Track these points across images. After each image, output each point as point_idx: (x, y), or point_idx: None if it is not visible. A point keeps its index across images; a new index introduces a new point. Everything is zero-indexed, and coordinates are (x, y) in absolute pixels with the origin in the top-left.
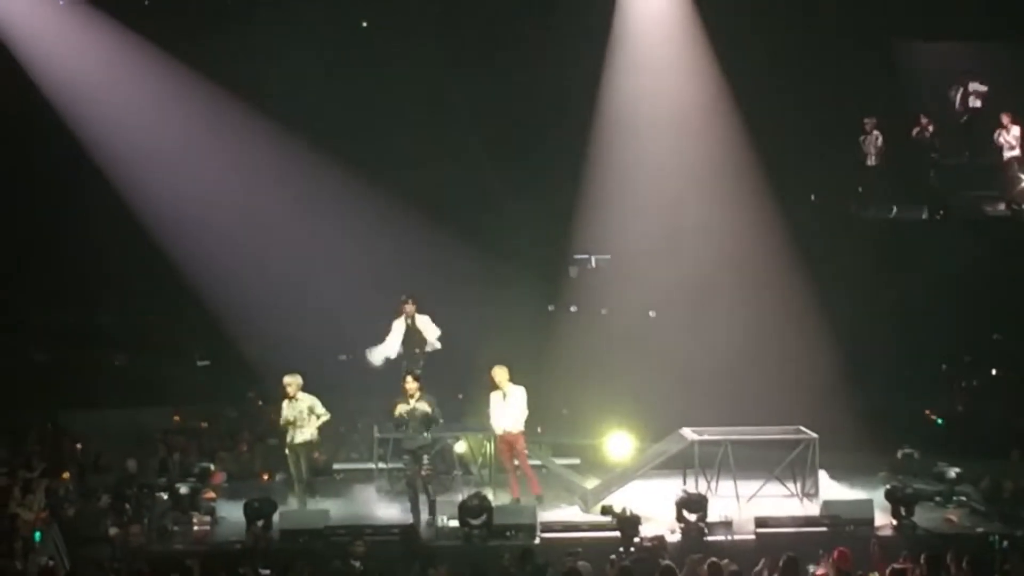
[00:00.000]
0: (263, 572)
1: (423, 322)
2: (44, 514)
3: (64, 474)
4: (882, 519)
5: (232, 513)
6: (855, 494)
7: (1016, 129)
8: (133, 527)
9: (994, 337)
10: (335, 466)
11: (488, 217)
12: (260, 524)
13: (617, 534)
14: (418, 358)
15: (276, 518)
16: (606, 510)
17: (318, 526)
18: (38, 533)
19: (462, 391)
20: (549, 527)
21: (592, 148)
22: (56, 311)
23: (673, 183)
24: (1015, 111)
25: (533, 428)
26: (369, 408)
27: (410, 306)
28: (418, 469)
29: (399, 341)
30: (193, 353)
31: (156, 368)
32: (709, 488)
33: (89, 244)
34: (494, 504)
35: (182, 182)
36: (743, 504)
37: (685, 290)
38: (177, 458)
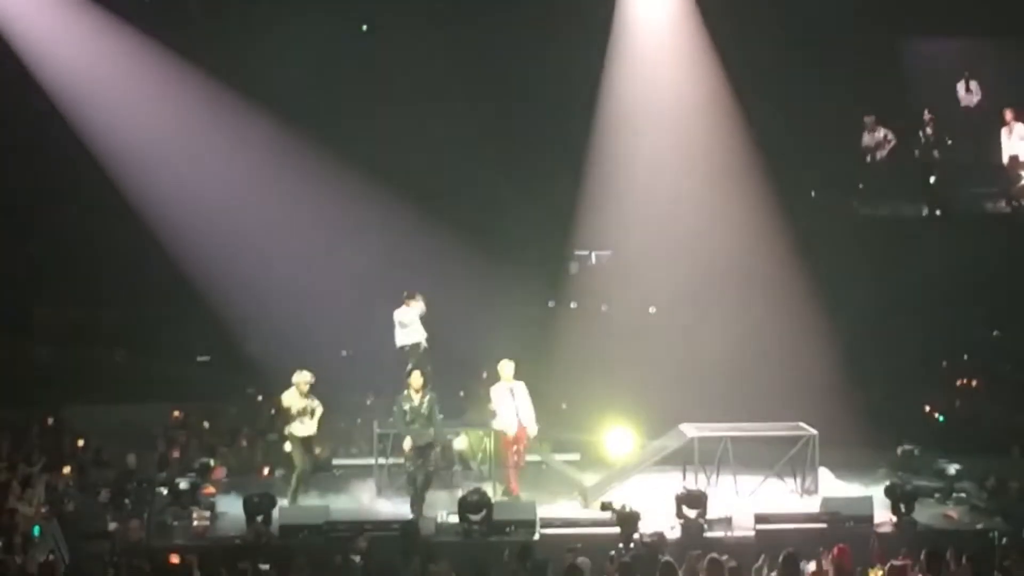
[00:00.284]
0: (263, 567)
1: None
2: (44, 509)
3: (64, 469)
4: (882, 515)
5: (232, 508)
6: (855, 490)
7: (1021, 127)
8: (132, 522)
9: (994, 334)
10: (335, 461)
11: (489, 213)
12: (260, 519)
13: (617, 530)
14: (425, 354)
15: (276, 513)
16: (606, 506)
17: (318, 522)
18: (37, 528)
19: (462, 387)
20: (549, 523)
21: (593, 144)
22: (57, 307)
23: (674, 179)
24: (1017, 107)
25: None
26: (370, 404)
27: (417, 301)
28: (421, 464)
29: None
30: (193, 349)
31: (156, 364)
32: (709, 484)
33: (90, 240)
34: (494, 500)
35: (184, 179)
36: (743, 500)
37: (685, 286)
38: (177, 453)
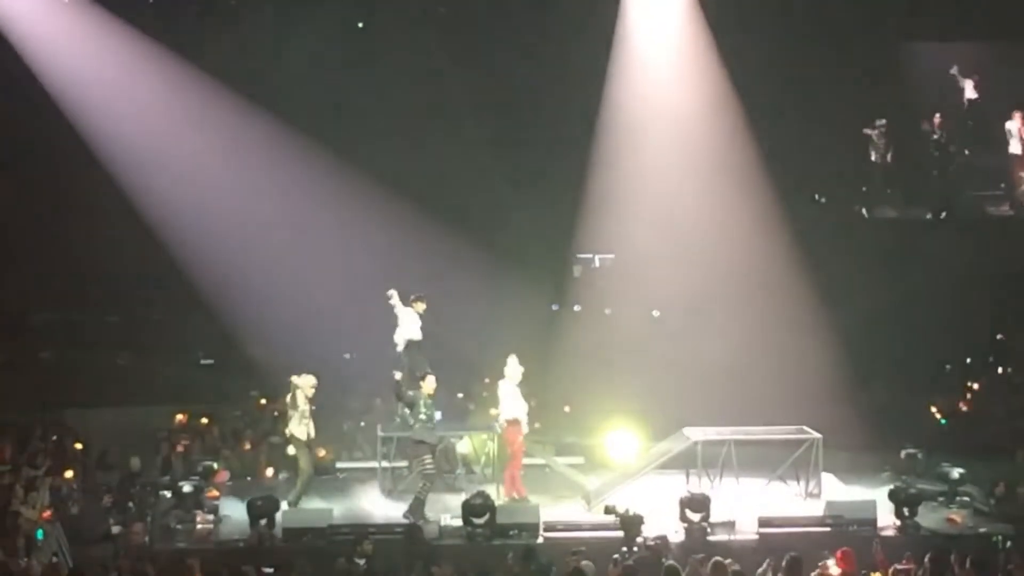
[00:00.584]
0: (266, 571)
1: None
2: (47, 512)
3: (68, 472)
4: (885, 519)
5: (235, 512)
6: (858, 494)
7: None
8: (136, 525)
9: (998, 337)
10: (338, 465)
11: (492, 216)
12: (263, 523)
13: (620, 534)
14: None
15: (279, 517)
16: (609, 510)
17: (321, 525)
18: (41, 531)
19: (463, 389)
20: (552, 526)
21: (596, 147)
22: (61, 311)
23: (677, 183)
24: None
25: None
26: (373, 407)
27: (421, 304)
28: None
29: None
30: (197, 352)
31: (160, 367)
32: (712, 488)
33: (93, 244)
34: (497, 503)
35: (187, 181)
36: (746, 504)
37: (689, 290)
38: (180, 456)
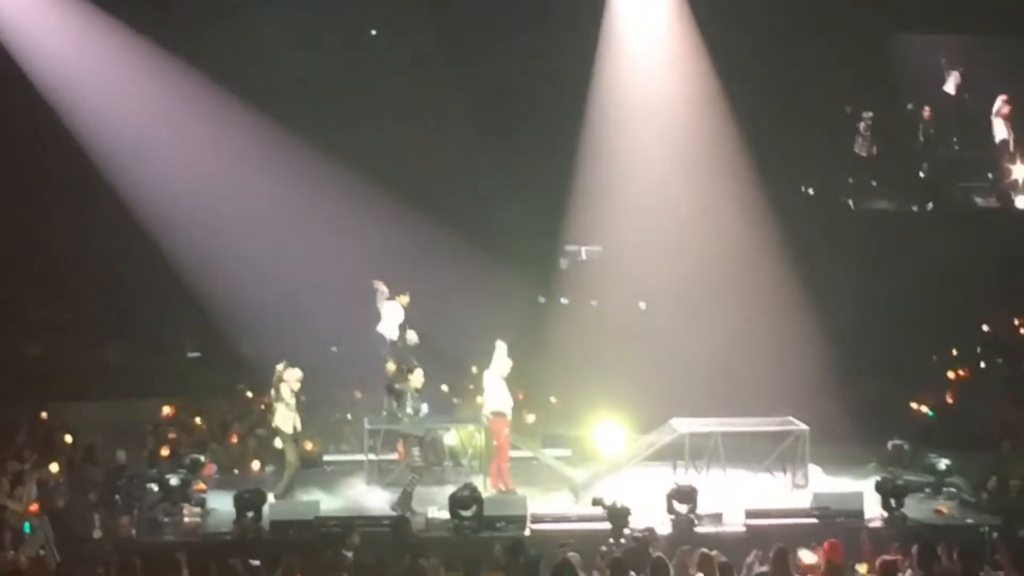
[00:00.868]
0: (253, 563)
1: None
2: (34, 506)
3: (54, 466)
4: (872, 511)
5: (222, 504)
6: (845, 485)
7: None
8: (122, 518)
9: (984, 328)
10: (325, 457)
11: (479, 209)
12: (250, 515)
13: (608, 525)
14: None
15: (266, 509)
16: (596, 501)
17: (308, 517)
18: (27, 525)
19: (449, 382)
20: (539, 518)
21: (583, 140)
22: (47, 304)
23: (664, 175)
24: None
25: (519, 417)
26: (360, 399)
27: (406, 297)
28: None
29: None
30: (183, 345)
31: (146, 360)
32: (699, 479)
33: (80, 237)
34: (484, 495)
35: (174, 174)
36: (733, 495)
37: (676, 282)
38: (167, 450)
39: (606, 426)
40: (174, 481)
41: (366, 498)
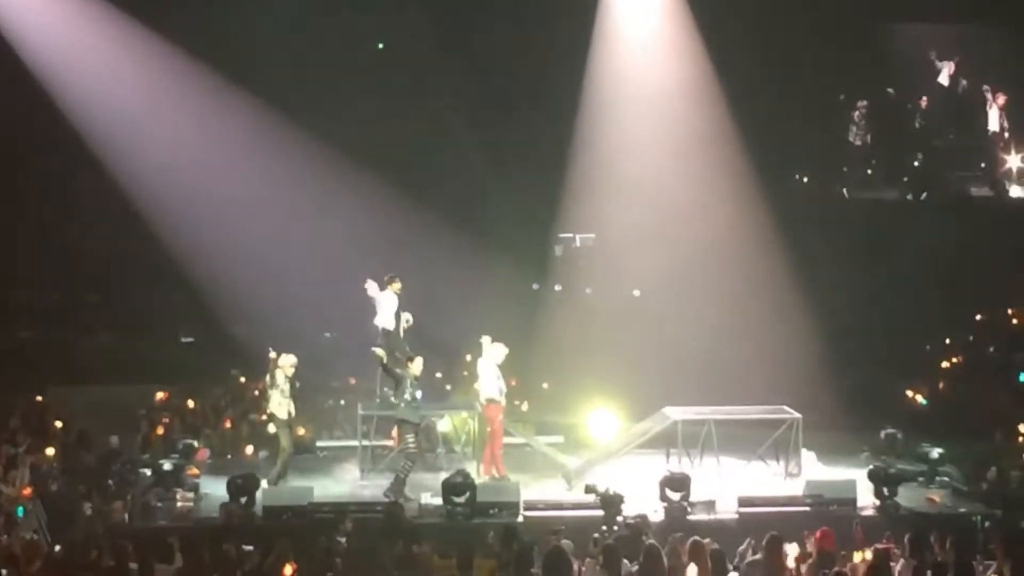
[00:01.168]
0: (246, 548)
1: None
2: (27, 490)
3: (48, 450)
4: (865, 499)
5: (216, 490)
6: (838, 474)
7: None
8: (116, 503)
9: (977, 318)
10: (319, 443)
11: (473, 197)
12: (243, 501)
13: (600, 513)
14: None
15: (259, 495)
16: (589, 489)
17: (301, 503)
18: (21, 508)
19: (443, 369)
20: (532, 505)
21: (578, 127)
22: (41, 290)
23: (658, 163)
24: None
25: (512, 404)
26: (354, 386)
27: (397, 284)
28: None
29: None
30: (177, 331)
31: (140, 345)
32: (692, 467)
33: (74, 223)
34: (477, 482)
35: (168, 160)
36: (726, 483)
37: (670, 270)
38: (161, 434)
39: (599, 413)
40: (167, 466)
41: (359, 484)
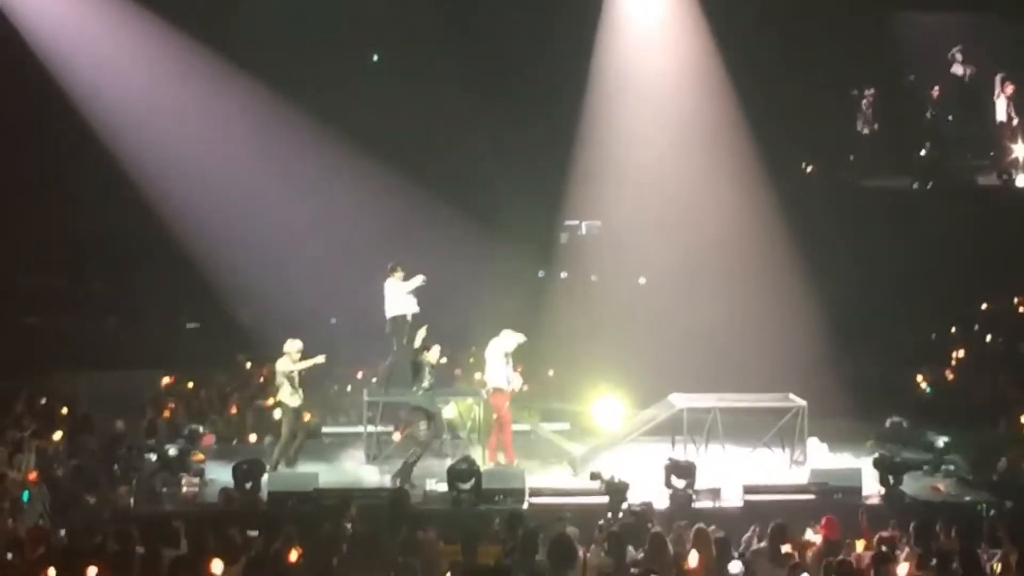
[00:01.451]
0: (251, 534)
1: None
2: (33, 474)
3: (53, 435)
4: (870, 487)
5: (221, 475)
6: (843, 462)
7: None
8: (121, 488)
9: (983, 306)
10: (324, 429)
11: (479, 183)
12: (248, 486)
13: (605, 500)
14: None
15: (264, 480)
16: (595, 476)
17: (306, 489)
18: (26, 493)
19: (449, 355)
20: (538, 492)
21: (584, 114)
22: (47, 275)
23: (664, 150)
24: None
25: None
26: (362, 374)
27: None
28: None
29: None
30: (182, 316)
31: (146, 331)
32: (698, 455)
33: (79, 208)
34: (483, 468)
35: (174, 145)
36: (731, 471)
37: (675, 257)
38: (166, 419)
39: (605, 401)
40: (172, 451)
41: (364, 470)
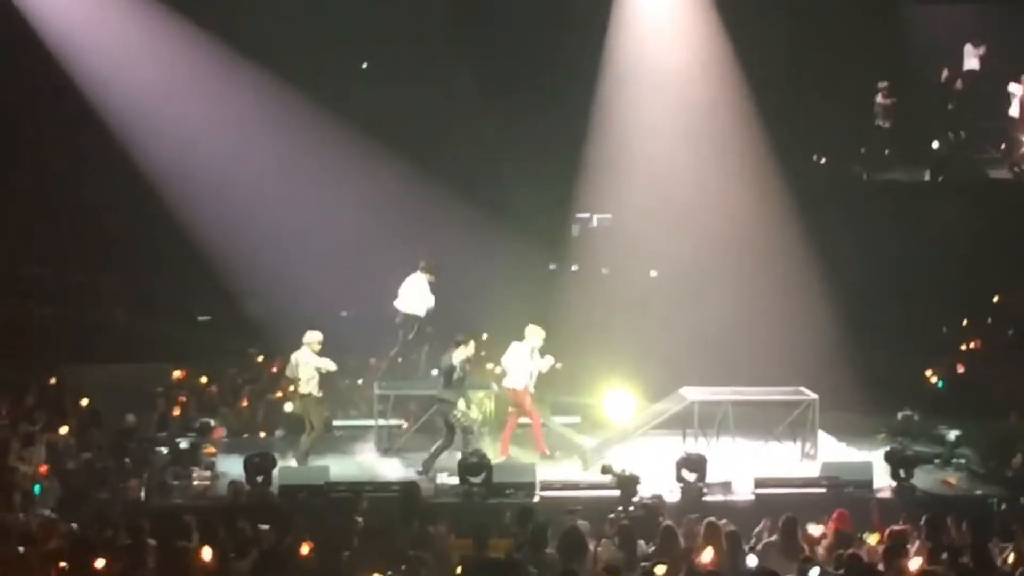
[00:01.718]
0: (262, 527)
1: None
2: (44, 468)
3: (64, 428)
4: (881, 481)
5: (232, 468)
6: (855, 455)
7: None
8: (132, 481)
9: (995, 299)
10: (335, 423)
11: (490, 175)
12: (260, 479)
13: (616, 493)
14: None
15: (276, 474)
16: (605, 469)
17: (318, 482)
18: (38, 486)
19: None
20: (548, 485)
21: (595, 107)
22: (59, 267)
23: (676, 143)
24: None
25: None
26: (368, 367)
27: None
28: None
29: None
30: (194, 309)
31: (157, 324)
32: (709, 448)
33: (91, 200)
34: (494, 462)
35: (185, 138)
36: (742, 464)
37: (687, 250)
38: (177, 413)
39: (616, 394)
40: (184, 444)
41: (375, 464)
